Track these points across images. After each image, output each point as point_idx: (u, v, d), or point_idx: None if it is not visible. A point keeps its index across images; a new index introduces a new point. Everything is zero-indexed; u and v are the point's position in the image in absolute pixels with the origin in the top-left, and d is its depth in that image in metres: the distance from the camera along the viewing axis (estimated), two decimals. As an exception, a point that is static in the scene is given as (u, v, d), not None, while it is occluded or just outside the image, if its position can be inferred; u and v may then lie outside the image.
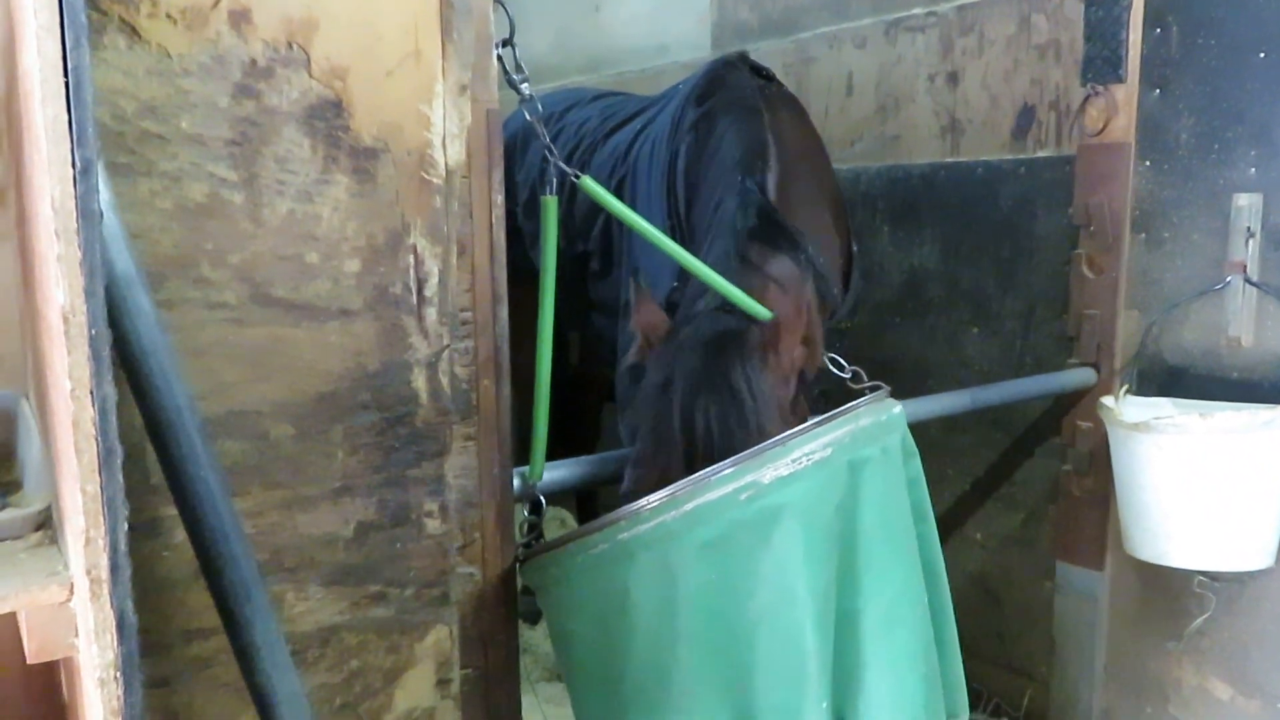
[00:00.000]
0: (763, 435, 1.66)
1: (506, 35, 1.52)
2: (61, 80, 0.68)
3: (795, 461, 1.41)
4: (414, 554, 1.44)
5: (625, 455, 1.84)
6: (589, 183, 1.69)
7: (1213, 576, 2.31)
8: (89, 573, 0.72)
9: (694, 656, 1.38)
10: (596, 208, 2.63)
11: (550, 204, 1.65)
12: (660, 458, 1.69)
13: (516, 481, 1.59)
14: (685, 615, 1.38)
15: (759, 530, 1.38)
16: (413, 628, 1.45)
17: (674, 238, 2.02)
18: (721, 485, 1.39)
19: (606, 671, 1.46)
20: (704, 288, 1.89)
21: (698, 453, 1.66)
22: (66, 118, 0.68)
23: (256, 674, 1.05)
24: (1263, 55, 2.22)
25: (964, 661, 1.73)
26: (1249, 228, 2.25)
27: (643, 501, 1.41)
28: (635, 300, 1.88)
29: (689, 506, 1.38)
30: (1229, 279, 2.28)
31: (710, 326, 1.78)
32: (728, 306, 1.81)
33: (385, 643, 1.43)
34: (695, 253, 1.84)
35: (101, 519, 0.71)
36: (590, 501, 3.75)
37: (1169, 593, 2.43)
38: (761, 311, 1.78)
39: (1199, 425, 2.09)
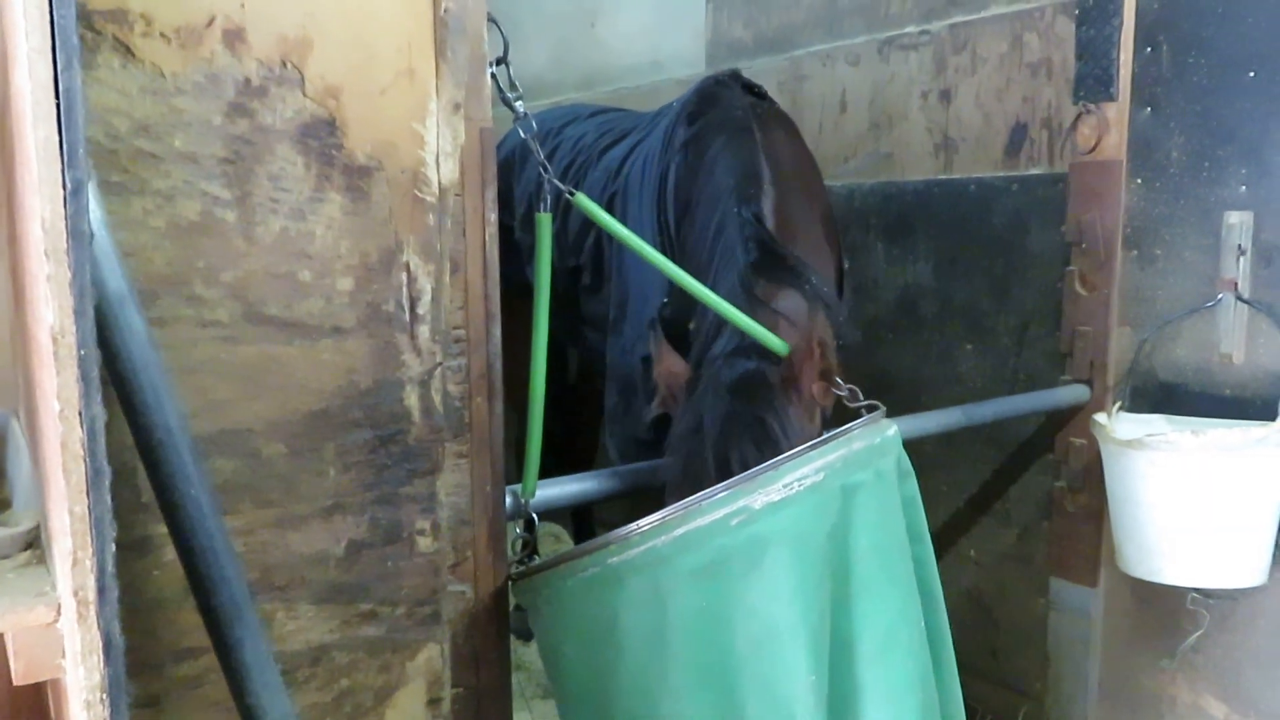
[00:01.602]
0: None
1: (501, 54, 1.53)
2: (53, 102, 0.68)
3: (787, 486, 1.40)
4: (405, 572, 1.44)
5: (619, 471, 1.84)
6: (583, 200, 1.70)
7: (1206, 593, 2.31)
8: (76, 594, 0.72)
9: (684, 683, 1.37)
10: (589, 223, 2.64)
11: (544, 220, 1.66)
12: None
13: (509, 499, 1.59)
14: (675, 641, 1.37)
15: (750, 556, 1.37)
16: (404, 646, 1.45)
17: (663, 253, 2.03)
18: (712, 510, 1.38)
19: (596, 694, 1.45)
20: (715, 329, 1.90)
21: None
22: (58, 139, 0.68)
23: (247, 694, 1.05)
24: (1252, 74, 2.23)
25: (959, 680, 1.72)
26: (1240, 245, 2.26)
27: (633, 526, 1.40)
28: (655, 351, 1.88)
29: (679, 532, 1.37)
30: (1220, 296, 2.29)
31: (731, 372, 1.79)
32: (743, 349, 1.81)
33: (376, 662, 1.42)
34: (687, 270, 1.84)
35: (89, 540, 0.71)
36: (585, 517, 3.75)
37: (1163, 609, 2.43)
38: (778, 345, 1.79)
39: (1192, 442, 2.10)
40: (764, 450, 1.66)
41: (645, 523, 1.39)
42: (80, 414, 0.70)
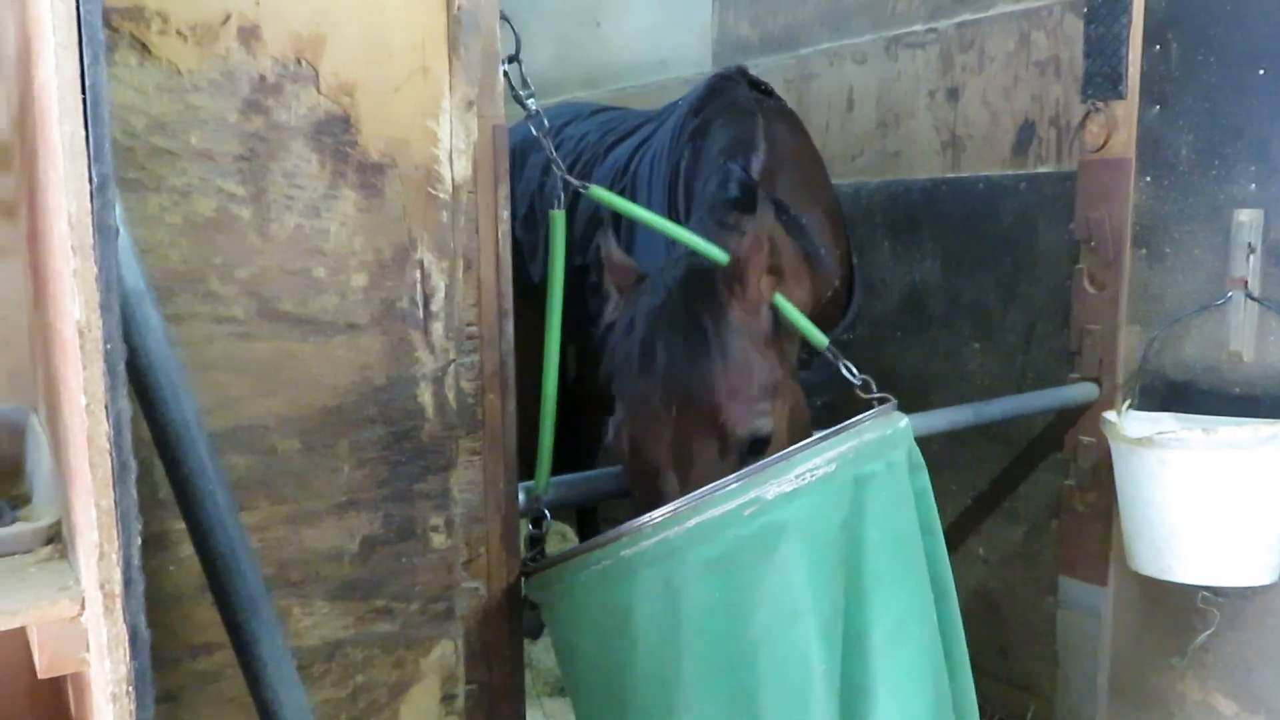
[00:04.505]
0: (726, 359, 1.68)
1: (513, 51, 1.53)
2: (79, 97, 0.68)
3: (799, 477, 1.40)
4: (419, 568, 1.44)
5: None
6: (597, 190, 1.70)
7: (1216, 592, 2.31)
8: (102, 587, 0.72)
9: (697, 675, 1.37)
10: (594, 221, 2.64)
11: (558, 218, 1.66)
12: (627, 398, 1.72)
13: (521, 496, 1.59)
14: (688, 633, 1.37)
15: (762, 547, 1.37)
16: (418, 643, 1.45)
17: (676, 251, 2.04)
18: (725, 501, 1.38)
19: (610, 687, 1.46)
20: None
21: (659, 385, 1.67)
22: (84, 134, 0.69)
23: (263, 689, 1.05)
24: (1262, 72, 2.23)
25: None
26: (1250, 243, 2.26)
27: (645, 518, 1.41)
28: (606, 254, 1.88)
29: (691, 523, 1.38)
30: (1230, 294, 2.29)
31: (674, 271, 1.79)
32: (695, 253, 1.82)
33: (390, 658, 1.42)
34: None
35: (115, 534, 0.71)
36: (591, 516, 3.75)
37: (1173, 608, 2.43)
38: (719, 255, 1.77)
39: (1202, 440, 2.09)
40: (691, 341, 1.67)
41: (658, 514, 1.40)
42: (106, 408, 0.70)
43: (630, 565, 1.40)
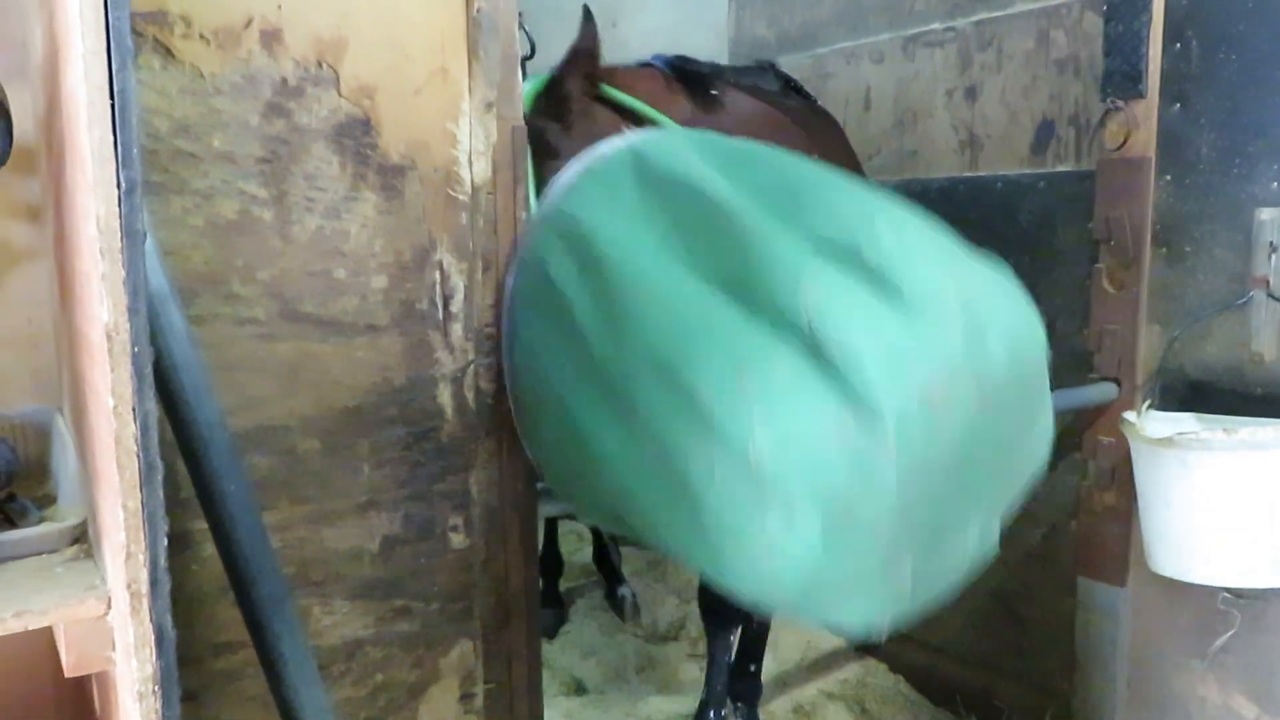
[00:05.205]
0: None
1: (528, 54, 1.54)
2: (108, 103, 0.69)
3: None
4: (439, 568, 1.45)
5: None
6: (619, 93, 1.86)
7: (1237, 593, 2.29)
8: (129, 587, 0.73)
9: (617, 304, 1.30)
10: None
11: None
12: None
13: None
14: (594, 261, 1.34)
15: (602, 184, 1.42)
16: (437, 642, 1.46)
17: None
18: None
19: (558, 391, 1.36)
20: None
21: None
22: (112, 139, 0.69)
23: (284, 687, 1.06)
24: (1284, 70, 2.21)
25: (984, 677, 1.68)
26: (1271, 242, 2.24)
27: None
28: None
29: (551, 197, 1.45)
30: (1251, 294, 2.27)
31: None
32: None
33: (410, 657, 1.43)
34: None
35: (142, 534, 0.72)
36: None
37: (1193, 610, 2.41)
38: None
39: (1224, 441, 2.08)
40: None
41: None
42: (134, 410, 0.71)
43: (536, 256, 1.41)
